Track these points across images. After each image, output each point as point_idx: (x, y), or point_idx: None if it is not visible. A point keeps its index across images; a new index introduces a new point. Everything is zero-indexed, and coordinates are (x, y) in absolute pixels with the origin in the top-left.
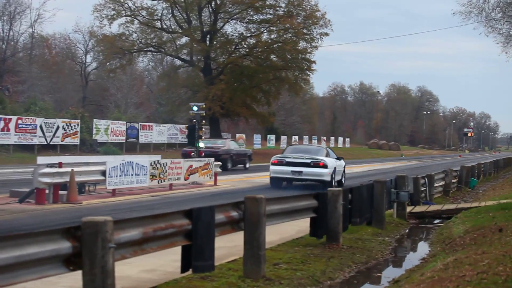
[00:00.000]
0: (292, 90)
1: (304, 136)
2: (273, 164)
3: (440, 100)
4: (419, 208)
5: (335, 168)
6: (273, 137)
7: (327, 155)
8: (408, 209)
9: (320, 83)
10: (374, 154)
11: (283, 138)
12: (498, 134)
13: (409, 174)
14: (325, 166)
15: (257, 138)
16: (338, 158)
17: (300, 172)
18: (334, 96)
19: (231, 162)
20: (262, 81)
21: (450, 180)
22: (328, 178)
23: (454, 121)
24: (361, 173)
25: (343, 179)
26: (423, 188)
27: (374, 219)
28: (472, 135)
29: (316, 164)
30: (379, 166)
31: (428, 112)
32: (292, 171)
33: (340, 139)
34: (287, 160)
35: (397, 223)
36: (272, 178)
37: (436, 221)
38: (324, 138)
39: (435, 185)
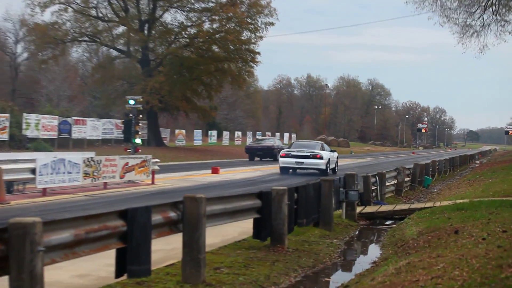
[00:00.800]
0: (235, 83)
1: (248, 132)
2: (281, 156)
3: (392, 94)
4: (369, 209)
5: (329, 159)
6: (214, 132)
7: (323, 148)
8: (358, 209)
9: (265, 75)
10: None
11: (225, 134)
12: (454, 130)
13: (359, 172)
14: (321, 158)
15: (197, 133)
16: (332, 151)
17: (302, 163)
18: (280, 89)
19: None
20: (203, 73)
21: (402, 178)
22: (323, 167)
23: (407, 116)
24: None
25: (336, 168)
26: (374, 187)
27: (321, 220)
28: (426, 130)
29: (314, 156)
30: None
31: (380, 107)
32: (296, 161)
33: (286, 135)
34: (292, 153)
35: (346, 225)
36: (281, 167)
37: (387, 222)
38: (269, 133)
39: (387, 184)
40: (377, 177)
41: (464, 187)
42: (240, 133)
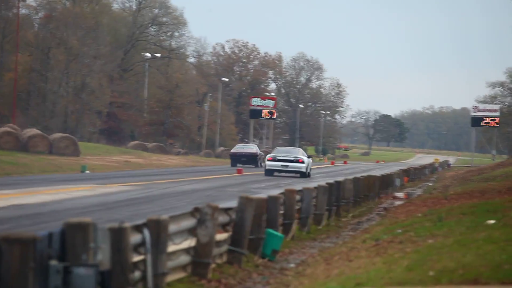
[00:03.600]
0: None
1: None
2: (268, 160)
3: (189, 21)
4: None
5: (308, 163)
6: None
7: (303, 154)
8: None
9: None
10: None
11: None
12: (345, 115)
13: (99, 219)
14: (303, 162)
15: None
16: (308, 157)
17: (287, 166)
18: None
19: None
20: None
21: (210, 234)
22: (304, 170)
23: (225, 80)
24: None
25: (310, 172)
26: (138, 258)
27: None
28: (274, 116)
29: (297, 161)
30: (23, 196)
31: (155, 55)
32: (282, 165)
33: None
34: (278, 157)
35: None
36: (267, 170)
37: None
38: None
39: (172, 248)
40: (144, 232)
41: (364, 257)
42: None
